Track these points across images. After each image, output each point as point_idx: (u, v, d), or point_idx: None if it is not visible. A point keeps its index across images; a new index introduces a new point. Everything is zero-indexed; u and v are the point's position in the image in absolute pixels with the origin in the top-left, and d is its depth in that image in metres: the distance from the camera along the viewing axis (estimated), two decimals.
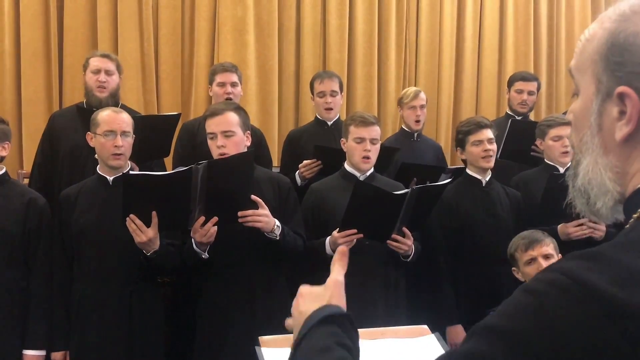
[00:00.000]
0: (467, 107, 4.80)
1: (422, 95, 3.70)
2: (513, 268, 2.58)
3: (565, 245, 2.69)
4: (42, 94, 4.00)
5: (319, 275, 2.56)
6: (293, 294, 1.03)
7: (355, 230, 2.47)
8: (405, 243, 2.56)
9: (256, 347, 1.40)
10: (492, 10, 4.83)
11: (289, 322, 1.01)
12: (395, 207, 2.46)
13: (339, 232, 2.50)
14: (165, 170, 3.08)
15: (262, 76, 4.37)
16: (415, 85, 4.68)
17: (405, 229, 2.56)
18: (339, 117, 3.56)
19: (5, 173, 2.52)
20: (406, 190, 2.47)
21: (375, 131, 2.69)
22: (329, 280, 0.98)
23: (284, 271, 2.63)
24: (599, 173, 0.76)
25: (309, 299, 0.98)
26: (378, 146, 2.74)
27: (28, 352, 2.45)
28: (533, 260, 2.48)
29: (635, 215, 0.71)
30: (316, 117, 3.60)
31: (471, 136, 2.90)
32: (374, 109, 4.52)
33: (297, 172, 3.19)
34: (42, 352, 2.47)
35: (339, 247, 1.06)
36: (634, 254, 0.64)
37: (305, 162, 3.15)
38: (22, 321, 2.46)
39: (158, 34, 4.22)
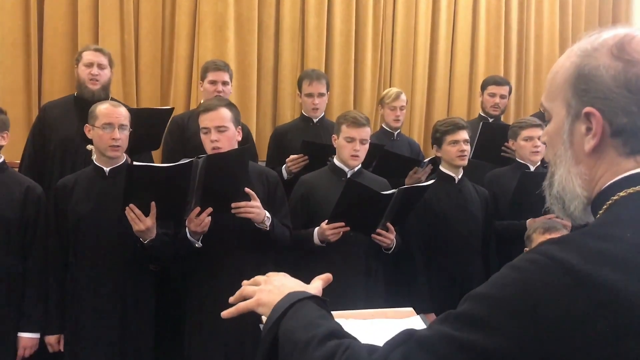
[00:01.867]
0: (439, 107, 4.96)
1: (403, 96, 3.86)
2: (525, 248, 2.75)
3: None
4: (21, 84, 3.97)
5: (304, 264, 2.70)
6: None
7: (343, 223, 2.60)
8: (389, 237, 2.71)
9: (260, 325, 1.51)
10: (465, 14, 4.99)
11: (248, 289, 1.12)
12: (382, 205, 2.60)
13: (327, 224, 2.62)
14: (153, 162, 3.14)
15: (241, 72, 4.43)
16: (390, 85, 4.83)
17: (389, 224, 2.70)
18: (324, 115, 3.69)
19: (4, 162, 2.55)
20: (393, 190, 2.61)
21: (365, 132, 2.83)
22: (311, 285, 1.12)
23: (271, 259, 2.73)
24: (571, 181, 0.93)
25: (287, 280, 1.13)
26: (367, 145, 2.88)
27: (23, 335, 2.51)
28: None
29: (600, 212, 0.89)
30: (302, 114, 3.71)
31: (448, 136, 3.05)
32: (349, 106, 4.62)
33: (284, 166, 3.30)
34: (37, 335, 2.53)
35: (326, 274, 1.16)
36: (597, 239, 0.80)
37: (292, 156, 3.26)
38: (18, 305, 2.50)
39: (139, 27, 4.23)
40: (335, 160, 2.93)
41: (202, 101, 3.54)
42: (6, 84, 3.93)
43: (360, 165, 2.92)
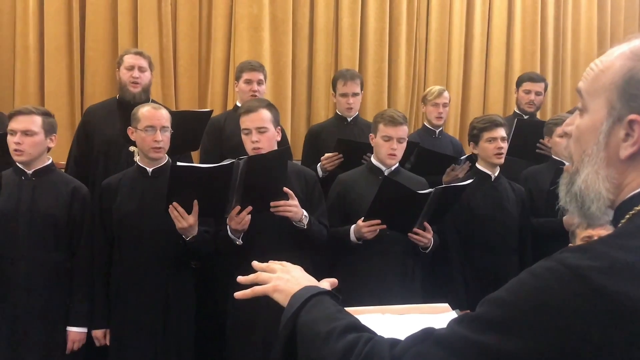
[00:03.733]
0: (474, 105, 4.93)
1: (446, 94, 3.86)
2: (570, 244, 2.74)
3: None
4: (64, 88, 4.10)
5: (342, 262, 2.72)
6: (318, 278, 1.19)
7: (379, 221, 2.62)
8: (426, 236, 2.72)
9: None
10: (500, 10, 4.95)
11: (264, 276, 1.17)
12: (419, 204, 2.61)
13: (363, 221, 2.65)
14: (192, 162, 3.21)
15: (276, 72, 4.48)
16: (424, 83, 4.83)
17: (426, 224, 2.71)
18: (358, 114, 3.72)
19: (52, 163, 2.65)
20: (430, 190, 2.62)
21: (402, 131, 2.84)
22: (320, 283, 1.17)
23: (309, 257, 2.76)
24: (598, 182, 0.92)
25: (302, 273, 1.18)
26: (404, 144, 2.89)
27: (72, 329, 2.60)
28: (590, 238, 2.65)
29: (622, 221, 0.88)
30: (336, 113, 3.75)
31: (486, 133, 3.04)
32: (384, 105, 4.64)
33: (319, 164, 3.33)
34: (84, 329, 2.62)
35: (332, 279, 1.20)
36: (617, 249, 0.80)
37: (327, 155, 3.30)
38: (67, 300, 2.60)
39: (176, 30, 4.32)
40: (373, 159, 2.95)
41: (237, 101, 3.62)
42: (50, 88, 4.06)
43: (397, 164, 2.94)
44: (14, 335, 2.49)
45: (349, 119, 3.68)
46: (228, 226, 2.49)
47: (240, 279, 1.21)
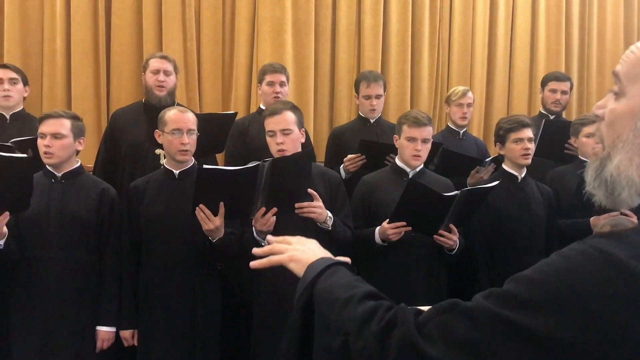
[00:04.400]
0: (498, 106, 4.90)
1: (470, 94, 3.85)
2: None
3: None
4: (90, 91, 4.15)
5: (366, 264, 2.71)
6: None
7: (404, 223, 2.62)
8: (451, 238, 2.70)
9: None
10: (524, 9, 4.91)
11: (279, 246, 1.20)
12: (445, 206, 2.60)
13: (389, 223, 2.64)
14: (217, 165, 3.24)
15: (299, 75, 4.50)
16: (447, 84, 4.81)
17: (451, 225, 2.69)
18: (381, 115, 3.72)
19: (80, 165, 2.70)
20: (456, 192, 2.60)
21: (427, 131, 2.83)
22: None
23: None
24: (632, 169, 0.89)
25: (318, 245, 1.21)
26: (429, 145, 2.88)
27: (101, 328, 2.64)
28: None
29: None
30: (359, 115, 3.75)
31: (513, 134, 3.01)
32: (406, 106, 4.63)
33: (342, 166, 3.34)
34: (113, 329, 2.66)
35: (345, 257, 1.20)
36: None
37: (350, 156, 3.30)
38: (96, 300, 2.64)
39: (200, 34, 4.36)
40: (397, 161, 2.94)
41: (261, 104, 3.64)
42: (77, 92, 4.12)
43: (422, 165, 2.93)
44: (45, 335, 2.53)
45: (371, 121, 3.68)
46: (253, 227, 2.51)
47: (256, 250, 1.22)
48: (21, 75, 3.36)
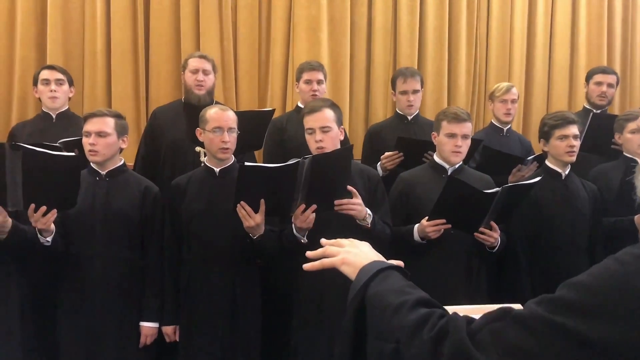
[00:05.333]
0: (538, 102, 4.80)
1: (514, 90, 3.79)
2: None
3: None
4: (130, 91, 4.22)
5: (405, 261, 2.71)
6: None
7: (444, 220, 2.59)
8: (492, 236, 2.66)
9: None
10: (564, 4, 4.80)
11: (332, 249, 1.18)
12: (485, 204, 2.56)
13: (428, 220, 2.62)
14: (255, 162, 3.26)
15: (334, 73, 4.49)
16: (485, 81, 4.75)
17: (492, 223, 2.65)
18: (418, 112, 3.69)
19: (124, 163, 2.75)
20: (496, 189, 2.56)
21: (466, 127, 2.79)
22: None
23: None
24: None
25: (371, 248, 1.19)
26: (469, 141, 2.85)
27: (144, 324, 2.69)
28: None
29: None
30: (396, 112, 3.73)
31: (557, 130, 2.95)
32: (443, 104, 4.58)
33: (379, 163, 3.32)
34: (156, 325, 2.70)
35: (398, 261, 1.18)
36: None
37: (387, 153, 3.28)
38: (139, 296, 2.69)
39: (237, 33, 4.38)
40: (435, 157, 2.91)
41: (298, 102, 3.65)
42: (117, 92, 4.19)
43: (461, 162, 2.90)
44: (91, 330, 2.59)
45: (409, 118, 3.66)
46: (293, 224, 2.52)
47: (309, 253, 1.22)
48: (67, 76, 3.44)
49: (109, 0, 4.17)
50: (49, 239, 2.45)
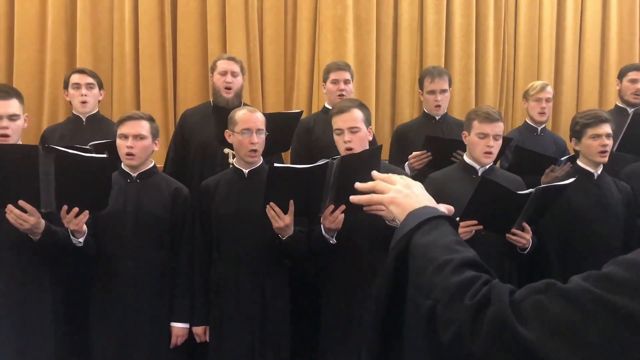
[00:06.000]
0: (567, 100, 4.73)
1: (549, 88, 3.75)
2: None
3: None
4: (158, 94, 4.26)
5: None
6: None
7: (475, 222, 2.55)
8: (524, 237, 2.62)
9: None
10: (595, 0, 4.73)
11: (382, 185, 1.13)
12: (518, 205, 2.52)
13: (459, 221, 2.59)
14: (283, 163, 3.27)
15: (360, 73, 4.47)
16: (514, 79, 4.69)
17: (525, 224, 2.61)
18: (446, 112, 3.66)
19: (154, 165, 2.77)
20: (530, 190, 2.52)
21: (498, 127, 2.76)
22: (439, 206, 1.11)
23: None
24: None
25: (424, 191, 1.12)
26: (500, 141, 2.81)
27: (175, 325, 2.70)
28: None
29: None
30: (424, 111, 3.70)
31: (590, 129, 2.90)
32: (471, 102, 4.54)
33: (406, 163, 3.30)
34: (186, 325, 2.72)
35: (448, 206, 1.13)
36: None
37: (415, 153, 3.25)
38: (171, 297, 2.71)
39: (263, 35, 4.40)
40: (466, 157, 2.88)
41: (326, 103, 3.65)
42: (145, 94, 4.24)
43: (492, 162, 2.86)
44: (123, 330, 2.61)
45: (437, 117, 3.62)
46: (322, 225, 2.51)
47: (359, 185, 1.17)
48: (97, 80, 3.48)
49: (137, 4, 4.21)
50: (81, 240, 2.48)
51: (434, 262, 0.94)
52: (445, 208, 1.12)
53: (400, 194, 1.09)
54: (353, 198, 1.16)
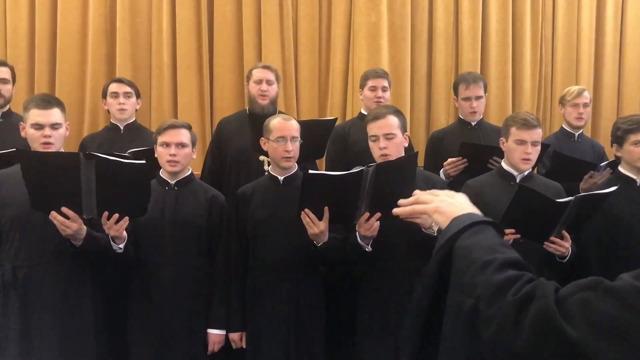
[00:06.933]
0: (607, 105, 4.63)
1: (586, 93, 3.68)
2: None
3: None
4: (195, 102, 4.33)
5: None
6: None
7: (513, 230, 2.51)
8: (564, 245, 2.57)
9: None
10: (636, 1, 4.61)
11: (426, 196, 1.14)
12: (557, 213, 2.47)
13: None
14: (317, 170, 3.28)
15: (395, 79, 4.44)
16: (551, 84, 4.61)
17: (564, 232, 2.56)
18: (482, 117, 3.62)
19: (192, 173, 2.81)
20: (569, 198, 2.47)
21: (537, 134, 2.72)
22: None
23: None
24: None
25: (467, 200, 1.13)
26: (539, 148, 2.77)
27: (212, 331, 2.73)
28: None
29: None
30: (459, 117, 3.67)
31: (632, 135, 2.83)
32: (508, 108, 4.48)
33: (442, 170, 3.27)
34: (223, 332, 2.73)
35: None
36: None
37: (450, 159, 3.23)
38: (207, 303, 2.73)
39: (297, 43, 4.43)
40: (503, 164, 2.84)
41: (362, 109, 3.65)
42: (182, 103, 4.31)
43: (530, 169, 2.81)
44: (161, 336, 2.65)
45: (472, 123, 3.59)
46: (357, 233, 2.50)
47: (402, 201, 1.19)
48: (134, 89, 3.55)
49: (175, 15, 4.29)
50: (121, 246, 2.53)
51: (476, 262, 0.94)
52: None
53: (444, 203, 1.11)
54: (396, 210, 1.17)
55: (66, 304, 2.55)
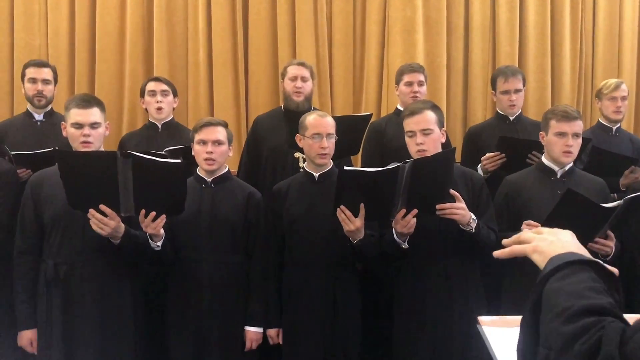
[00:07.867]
0: None
1: (624, 86, 3.57)
2: None
3: None
4: (231, 100, 4.36)
5: (512, 269, 2.58)
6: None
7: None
8: (608, 245, 2.50)
9: (478, 326, 1.51)
10: None
11: (527, 235, 1.08)
12: (604, 217, 2.40)
13: None
14: (352, 166, 3.26)
15: (430, 74, 4.35)
16: (592, 77, 4.49)
17: (609, 232, 2.49)
18: (520, 112, 3.55)
19: (228, 171, 2.83)
20: (617, 202, 2.39)
21: (577, 125, 2.65)
22: None
23: (478, 263, 2.68)
24: None
25: (573, 239, 1.06)
26: (580, 140, 2.69)
27: (249, 328, 2.73)
28: None
29: None
30: (497, 112, 3.60)
31: None
32: (547, 102, 4.37)
33: (479, 165, 3.22)
34: (260, 329, 2.74)
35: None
36: None
37: (488, 154, 3.18)
38: (245, 301, 2.74)
39: (332, 39, 4.42)
40: (544, 159, 2.77)
41: (398, 104, 3.61)
42: (218, 101, 4.35)
43: (571, 164, 2.74)
44: (198, 333, 2.67)
45: (511, 118, 3.52)
46: (393, 230, 2.48)
47: (505, 241, 1.14)
48: (171, 88, 3.60)
49: (210, 14, 4.33)
50: (159, 243, 2.56)
51: (554, 309, 0.90)
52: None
53: (545, 242, 1.06)
54: (496, 253, 1.13)
55: (106, 300, 2.59)
